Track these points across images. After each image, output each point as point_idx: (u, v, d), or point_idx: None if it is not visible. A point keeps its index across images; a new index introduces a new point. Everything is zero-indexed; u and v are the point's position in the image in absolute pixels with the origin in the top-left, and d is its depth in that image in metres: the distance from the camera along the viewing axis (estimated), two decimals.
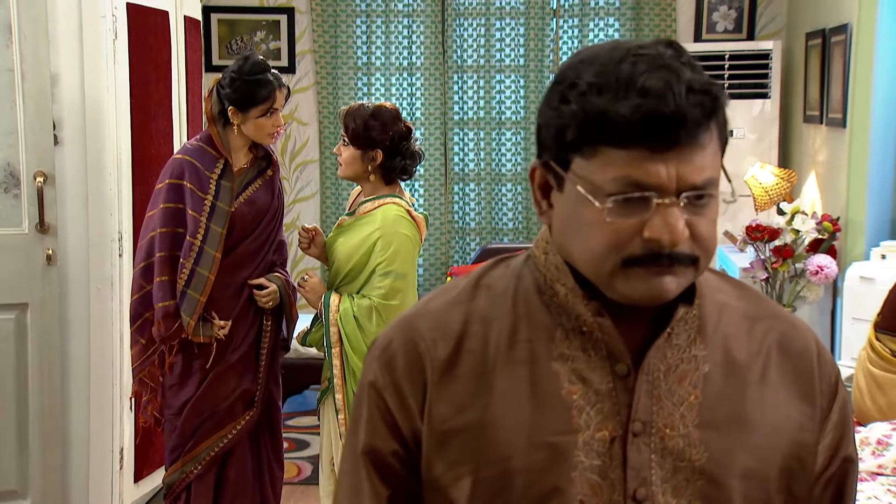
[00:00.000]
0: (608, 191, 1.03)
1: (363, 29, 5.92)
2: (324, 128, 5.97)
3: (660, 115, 1.00)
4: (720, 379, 1.13)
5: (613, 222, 1.04)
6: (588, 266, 1.09)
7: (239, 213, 3.14)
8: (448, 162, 5.99)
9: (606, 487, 1.08)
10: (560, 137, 1.07)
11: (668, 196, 1.03)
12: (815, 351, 1.18)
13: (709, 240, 1.07)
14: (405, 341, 1.14)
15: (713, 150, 1.05)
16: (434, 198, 5.99)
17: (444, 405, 1.10)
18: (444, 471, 1.10)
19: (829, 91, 4.68)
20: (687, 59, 1.04)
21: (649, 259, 1.04)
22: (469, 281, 1.18)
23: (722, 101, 1.05)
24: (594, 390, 1.10)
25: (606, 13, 5.82)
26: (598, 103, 1.02)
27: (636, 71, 1.02)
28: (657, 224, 1.03)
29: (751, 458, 1.11)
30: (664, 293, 1.06)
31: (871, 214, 4.38)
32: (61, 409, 3.49)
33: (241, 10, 5.93)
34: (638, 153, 1.02)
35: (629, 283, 1.06)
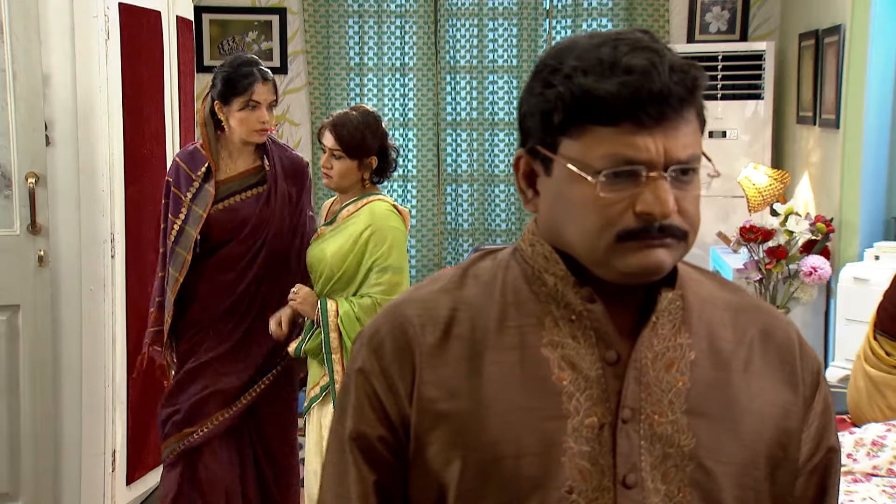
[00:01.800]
0: (598, 168, 1.08)
1: (355, 29, 5.95)
2: (316, 129, 6.00)
3: (646, 90, 1.05)
4: (707, 366, 1.16)
5: (605, 198, 1.08)
6: (583, 246, 1.12)
7: (215, 219, 3.18)
8: (441, 163, 6.03)
9: (596, 473, 1.10)
10: (546, 121, 1.11)
11: (656, 170, 1.07)
12: (796, 342, 1.22)
13: (694, 215, 1.13)
14: (393, 327, 1.16)
15: (695, 127, 1.11)
16: (427, 199, 6.03)
17: (433, 389, 1.13)
18: (434, 454, 1.12)
19: (822, 92, 4.73)
20: (663, 44, 1.10)
21: (642, 232, 1.08)
22: (457, 271, 1.21)
23: (701, 82, 1.10)
24: (584, 376, 1.12)
25: (599, 14, 5.87)
26: (584, 83, 1.07)
27: (618, 53, 1.07)
28: (647, 197, 1.07)
29: (738, 445, 1.14)
30: (659, 265, 1.10)
31: (865, 215, 4.43)
32: (53, 411, 3.51)
33: (233, 11, 5.96)
34: (626, 129, 1.07)
35: (625, 257, 1.09)
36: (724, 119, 5.44)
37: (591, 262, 1.13)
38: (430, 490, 1.13)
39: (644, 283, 1.14)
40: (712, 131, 5.45)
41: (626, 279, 1.12)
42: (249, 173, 3.24)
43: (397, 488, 1.16)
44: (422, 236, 6.05)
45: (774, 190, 4.82)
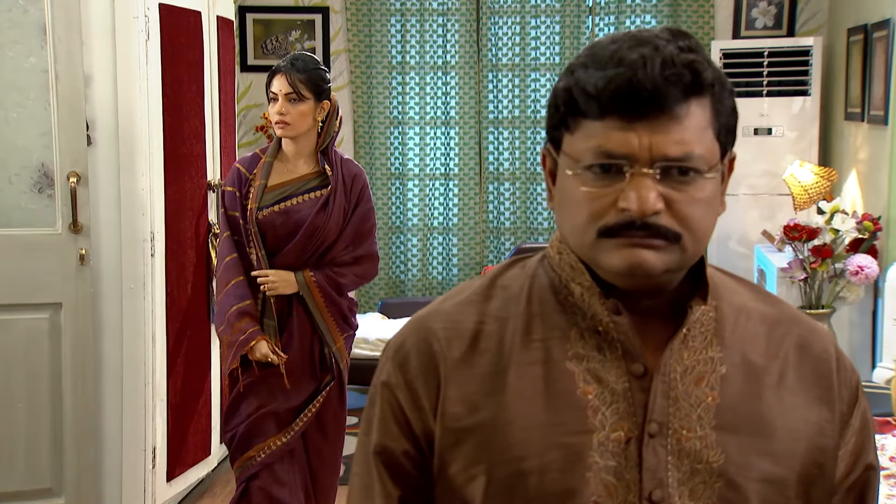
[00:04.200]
0: (585, 162, 1.07)
1: (397, 28, 5.93)
2: (358, 126, 5.99)
3: (630, 84, 1.03)
4: (738, 381, 1.12)
5: (590, 192, 1.07)
6: (574, 241, 1.11)
7: (269, 221, 3.13)
8: (483, 161, 5.99)
9: (622, 489, 1.07)
10: (553, 116, 1.12)
11: (640, 166, 1.05)
12: (833, 355, 1.17)
13: (693, 219, 1.07)
14: (418, 341, 1.15)
15: (698, 125, 1.06)
16: (469, 197, 5.99)
17: (457, 404, 1.11)
18: (458, 470, 1.10)
19: (870, 88, 4.61)
20: (683, 41, 1.06)
21: (623, 229, 1.06)
22: (484, 281, 1.19)
23: (706, 77, 1.06)
24: (609, 390, 1.09)
25: (643, 10, 5.79)
26: (581, 77, 1.07)
27: (620, 48, 1.05)
28: (628, 193, 1.05)
29: (769, 462, 1.10)
30: (643, 265, 1.06)
31: None
32: (94, 408, 3.54)
33: (276, 10, 5.97)
34: (611, 123, 1.05)
35: (609, 255, 1.07)
36: (771, 116, 5.34)
37: (584, 258, 1.12)
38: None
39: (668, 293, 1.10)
40: (758, 128, 5.35)
41: (618, 279, 1.09)
42: (308, 177, 3.19)
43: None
44: (464, 234, 6.01)
45: (821, 187, 4.72)
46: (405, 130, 6.02)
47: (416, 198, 6.06)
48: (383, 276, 6.05)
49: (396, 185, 6.06)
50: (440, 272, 6.10)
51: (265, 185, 3.14)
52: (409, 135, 6.02)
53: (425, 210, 6.06)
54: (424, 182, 6.05)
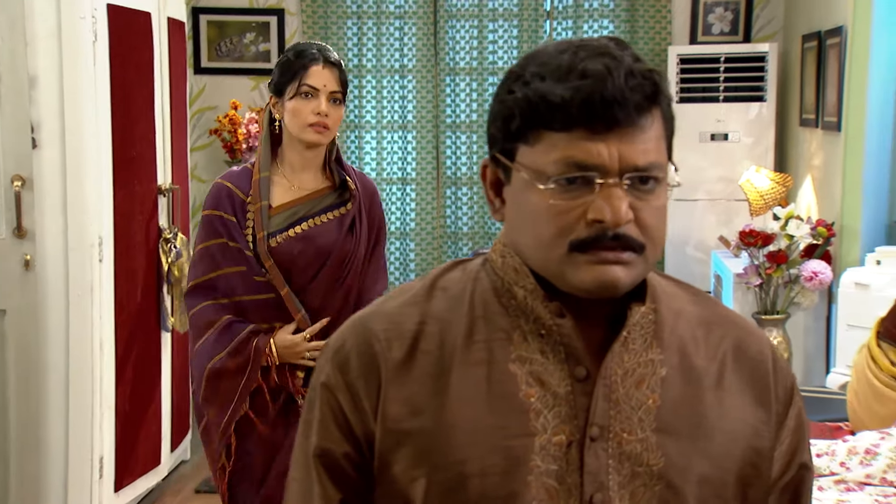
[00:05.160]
0: (551, 174, 1.06)
1: (354, 31, 5.93)
2: None
3: (598, 96, 1.04)
4: (678, 383, 1.13)
5: (557, 205, 1.06)
6: (537, 256, 1.10)
7: (286, 251, 2.57)
8: (440, 166, 6.00)
9: (563, 492, 1.08)
10: (506, 128, 1.10)
11: (610, 177, 1.05)
12: (770, 357, 1.19)
13: (655, 228, 1.09)
14: (359, 342, 1.14)
15: (656, 135, 1.09)
16: (426, 202, 6.00)
17: (398, 406, 1.11)
18: (399, 473, 1.10)
19: (824, 94, 4.68)
20: (630, 51, 1.08)
21: (595, 242, 1.06)
22: (425, 282, 1.19)
23: (663, 88, 1.09)
24: (552, 393, 1.10)
25: (601, 15, 5.83)
26: (540, 88, 1.06)
27: (577, 58, 1.06)
28: (600, 204, 1.05)
29: (708, 464, 1.11)
30: (614, 283, 1.07)
31: (867, 219, 4.39)
32: (39, 416, 3.49)
33: (231, 12, 5.93)
34: (578, 135, 1.05)
35: (578, 272, 1.07)
36: (727, 121, 5.40)
37: (546, 273, 1.11)
38: None
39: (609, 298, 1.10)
40: (714, 134, 5.41)
41: (582, 294, 1.09)
42: (321, 194, 2.64)
43: None
44: (421, 240, 6.02)
45: (776, 193, 4.78)
46: (362, 134, 6.01)
47: None
48: None
49: None
50: (397, 277, 6.09)
51: (269, 206, 2.58)
52: (365, 139, 6.02)
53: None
54: (382, 187, 6.04)
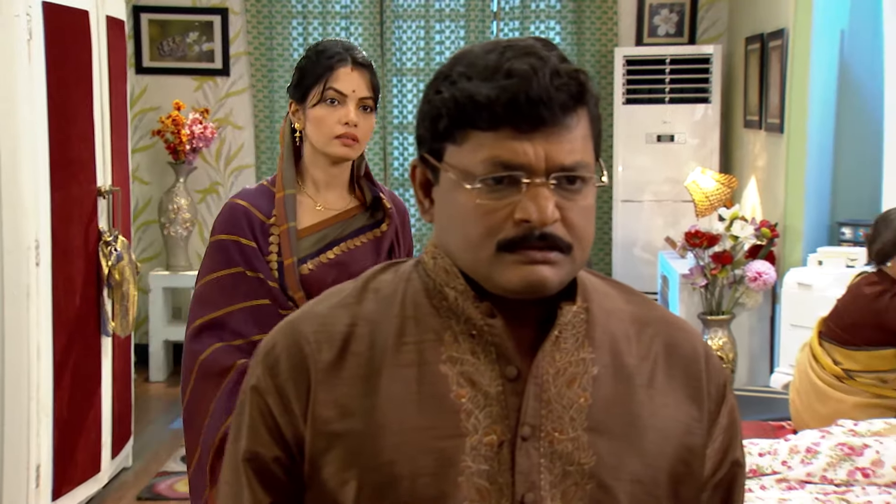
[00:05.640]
0: (478, 173, 1.07)
1: (300, 31, 5.90)
2: (259, 132, 5.94)
3: (524, 95, 1.04)
4: (609, 382, 1.14)
5: (484, 205, 1.07)
6: (466, 256, 1.11)
7: (317, 278, 2.25)
8: (388, 167, 5.99)
9: (494, 492, 1.08)
10: (434, 128, 1.11)
11: (536, 176, 1.06)
12: (702, 355, 1.20)
13: (582, 228, 1.10)
14: (289, 344, 1.14)
15: (583, 135, 1.09)
16: None
17: (328, 408, 1.10)
18: (329, 475, 1.10)
19: (767, 96, 4.76)
20: (557, 52, 1.09)
21: (523, 242, 1.06)
22: (356, 284, 1.19)
23: (589, 88, 1.09)
24: (483, 393, 1.10)
25: (547, 16, 5.87)
26: (467, 88, 1.07)
27: (503, 58, 1.07)
28: (526, 204, 1.06)
29: (639, 462, 1.12)
30: (542, 282, 1.08)
31: (809, 220, 4.46)
32: None
33: (173, 11, 5.88)
34: (505, 134, 1.06)
35: (506, 272, 1.08)
36: (673, 123, 5.46)
37: (474, 274, 1.11)
38: None
39: (539, 298, 1.11)
40: (661, 135, 5.47)
41: (510, 295, 1.10)
42: (350, 214, 2.30)
43: None
44: None
45: (721, 194, 4.85)
46: None
47: None
48: None
49: None
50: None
51: (295, 229, 2.26)
52: None
53: None
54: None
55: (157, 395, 5.53)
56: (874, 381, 3.31)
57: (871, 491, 2.71)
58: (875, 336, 3.31)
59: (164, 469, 4.29)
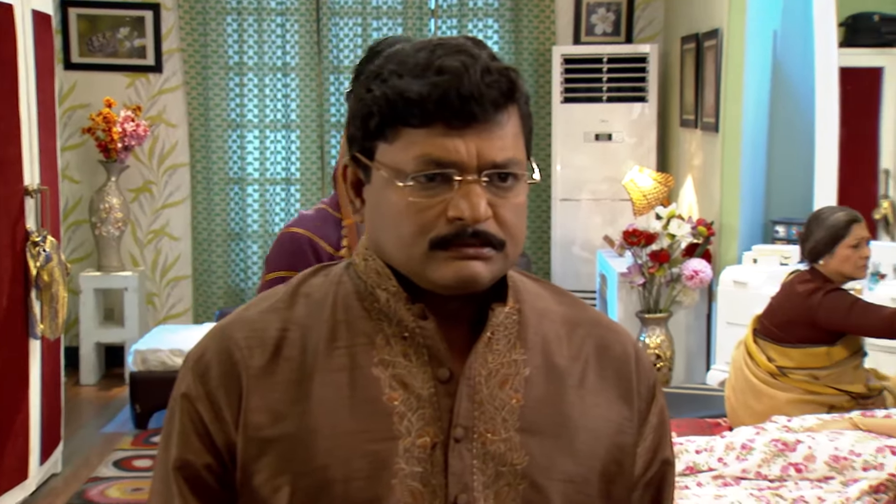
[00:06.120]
0: (410, 171, 1.07)
1: (234, 27, 5.85)
2: (194, 129, 5.87)
3: (455, 91, 1.05)
4: (541, 383, 1.14)
5: (417, 202, 1.07)
6: (399, 254, 1.11)
7: None
8: (325, 166, 5.96)
9: (427, 494, 1.08)
10: (365, 126, 1.11)
11: (469, 173, 1.07)
12: (633, 356, 1.21)
13: (514, 225, 1.11)
14: (219, 351, 1.13)
15: (514, 132, 1.10)
16: (311, 202, 5.95)
17: (260, 414, 1.10)
18: (262, 482, 1.09)
19: (702, 95, 4.83)
20: (488, 51, 1.09)
21: (456, 239, 1.07)
22: (287, 289, 1.18)
23: (520, 86, 1.10)
24: (415, 396, 1.10)
25: (485, 14, 5.89)
26: (398, 85, 1.07)
27: (434, 56, 1.07)
28: (458, 201, 1.06)
29: (571, 462, 1.13)
30: (474, 278, 1.08)
31: (744, 219, 4.54)
32: None
33: (102, 6, 5.79)
34: (436, 131, 1.06)
35: (439, 268, 1.08)
36: (611, 122, 5.51)
37: (408, 271, 1.12)
38: None
39: (473, 297, 1.12)
40: (598, 134, 5.52)
41: (444, 291, 1.10)
42: None
43: None
44: None
45: (659, 193, 4.90)
46: (244, 134, 5.94)
47: (257, 203, 5.99)
48: (221, 284, 5.95)
49: (235, 191, 5.97)
50: None
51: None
52: (248, 138, 5.95)
53: (266, 216, 6.00)
54: (265, 187, 5.99)
55: (88, 398, 5.45)
56: (807, 378, 3.37)
57: (804, 486, 2.76)
58: (808, 333, 3.37)
59: (96, 475, 4.22)
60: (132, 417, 4.88)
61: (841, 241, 3.33)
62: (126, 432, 4.79)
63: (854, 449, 2.76)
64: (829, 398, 3.34)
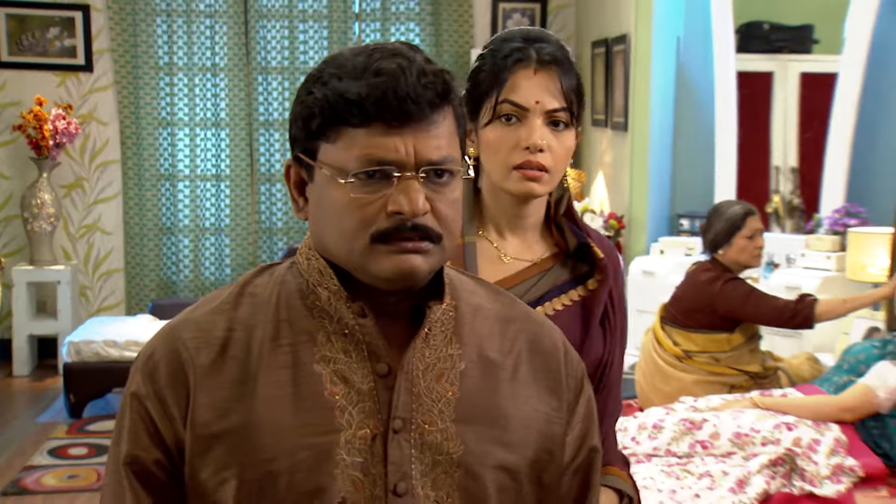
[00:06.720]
0: (351, 169, 1.08)
1: (164, 28, 5.74)
2: (125, 127, 5.75)
3: (392, 92, 1.06)
4: (475, 376, 1.16)
5: (358, 198, 1.08)
6: (341, 249, 1.11)
7: None
8: (254, 163, 5.90)
9: (368, 483, 1.09)
10: (307, 127, 1.11)
11: (407, 170, 1.08)
12: (562, 350, 1.23)
13: (450, 219, 1.12)
14: (168, 351, 1.13)
15: (449, 131, 1.11)
16: (241, 198, 5.89)
17: (207, 411, 1.09)
18: (208, 476, 1.09)
19: (612, 97, 4.89)
20: (422, 54, 1.11)
21: (396, 233, 1.08)
22: (233, 289, 1.18)
23: (453, 86, 1.11)
24: (356, 390, 1.11)
25: (407, 18, 5.88)
26: (338, 87, 1.08)
27: (372, 59, 1.08)
28: (398, 197, 1.07)
29: (504, 451, 1.14)
30: (413, 270, 1.09)
31: (652, 212, 4.62)
32: None
33: (31, 6, 5.62)
34: (376, 130, 1.07)
35: (380, 261, 1.09)
36: None
37: (350, 266, 1.12)
38: None
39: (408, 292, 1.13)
40: None
41: (384, 284, 1.11)
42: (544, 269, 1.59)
43: None
44: (236, 235, 5.90)
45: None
46: (174, 132, 5.84)
47: (187, 199, 5.90)
48: (154, 277, 5.85)
49: (166, 187, 5.86)
50: (213, 273, 5.96)
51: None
52: (178, 136, 5.85)
53: (196, 211, 5.91)
54: (195, 183, 5.90)
55: (21, 389, 5.30)
56: (709, 361, 3.45)
57: (710, 461, 2.83)
58: (709, 320, 3.45)
59: (31, 463, 4.12)
60: (66, 407, 4.77)
61: (738, 232, 3.42)
62: (60, 421, 4.68)
63: (754, 426, 2.84)
64: (730, 378, 3.42)
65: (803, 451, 2.65)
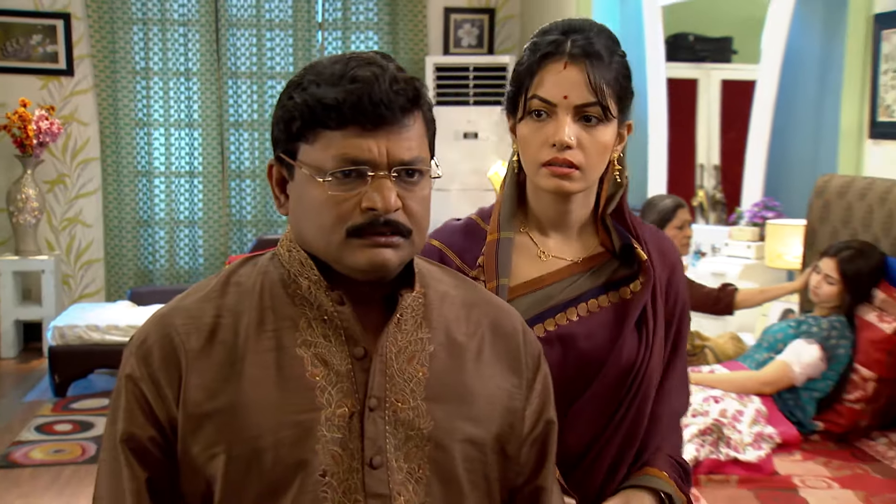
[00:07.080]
0: (329, 168, 1.08)
1: (140, 35, 5.65)
2: (105, 128, 5.65)
3: (367, 97, 1.07)
4: (443, 357, 1.17)
5: (335, 196, 1.08)
6: (319, 242, 1.11)
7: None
8: (225, 160, 5.84)
9: (346, 457, 1.10)
10: (288, 129, 1.11)
11: (380, 170, 1.08)
12: (521, 331, 1.24)
13: (420, 215, 1.13)
14: (160, 336, 1.12)
15: (419, 134, 1.12)
16: (213, 193, 5.83)
17: (197, 391, 1.09)
18: (199, 451, 1.09)
19: None
20: (395, 63, 1.12)
21: (369, 228, 1.08)
22: (220, 279, 1.18)
23: (423, 93, 1.12)
24: (335, 372, 1.11)
25: (366, 27, 5.85)
26: (316, 93, 1.08)
27: (348, 67, 1.09)
28: (372, 194, 1.08)
29: (471, 425, 1.15)
30: (385, 263, 1.10)
31: None
32: None
33: (15, 14, 5.49)
34: (351, 132, 1.08)
35: (354, 254, 1.09)
36: (476, 122, 5.56)
37: (327, 258, 1.12)
38: (198, 484, 1.10)
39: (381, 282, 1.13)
40: (466, 133, 5.56)
41: (358, 275, 1.11)
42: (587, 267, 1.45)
43: (168, 483, 1.12)
44: (209, 227, 5.84)
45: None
46: (150, 131, 5.75)
47: (163, 194, 5.82)
48: (132, 266, 5.77)
49: (143, 182, 5.78)
50: (187, 262, 5.90)
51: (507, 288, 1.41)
52: (154, 135, 5.76)
53: (172, 205, 5.84)
54: (171, 179, 5.82)
55: (8, 371, 5.21)
56: None
57: None
58: None
59: (19, 439, 4.04)
60: (51, 387, 4.69)
61: (669, 223, 3.46)
62: (46, 400, 4.60)
63: None
64: None
65: (728, 421, 2.70)
